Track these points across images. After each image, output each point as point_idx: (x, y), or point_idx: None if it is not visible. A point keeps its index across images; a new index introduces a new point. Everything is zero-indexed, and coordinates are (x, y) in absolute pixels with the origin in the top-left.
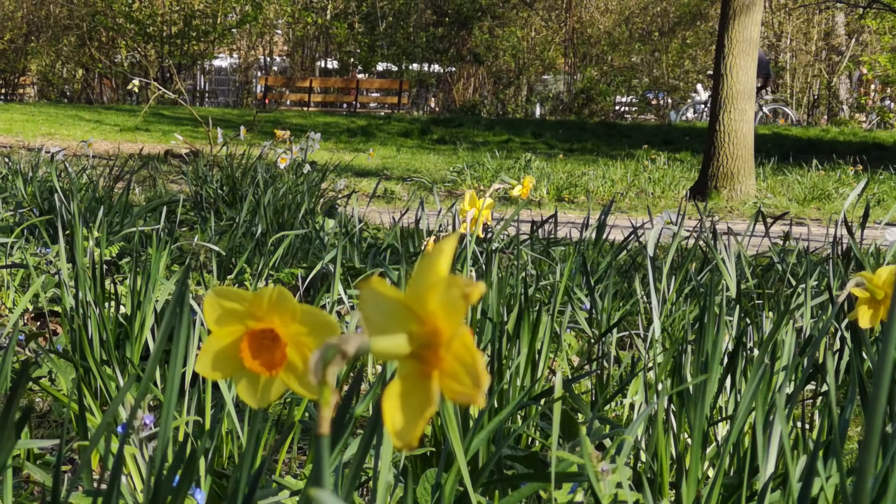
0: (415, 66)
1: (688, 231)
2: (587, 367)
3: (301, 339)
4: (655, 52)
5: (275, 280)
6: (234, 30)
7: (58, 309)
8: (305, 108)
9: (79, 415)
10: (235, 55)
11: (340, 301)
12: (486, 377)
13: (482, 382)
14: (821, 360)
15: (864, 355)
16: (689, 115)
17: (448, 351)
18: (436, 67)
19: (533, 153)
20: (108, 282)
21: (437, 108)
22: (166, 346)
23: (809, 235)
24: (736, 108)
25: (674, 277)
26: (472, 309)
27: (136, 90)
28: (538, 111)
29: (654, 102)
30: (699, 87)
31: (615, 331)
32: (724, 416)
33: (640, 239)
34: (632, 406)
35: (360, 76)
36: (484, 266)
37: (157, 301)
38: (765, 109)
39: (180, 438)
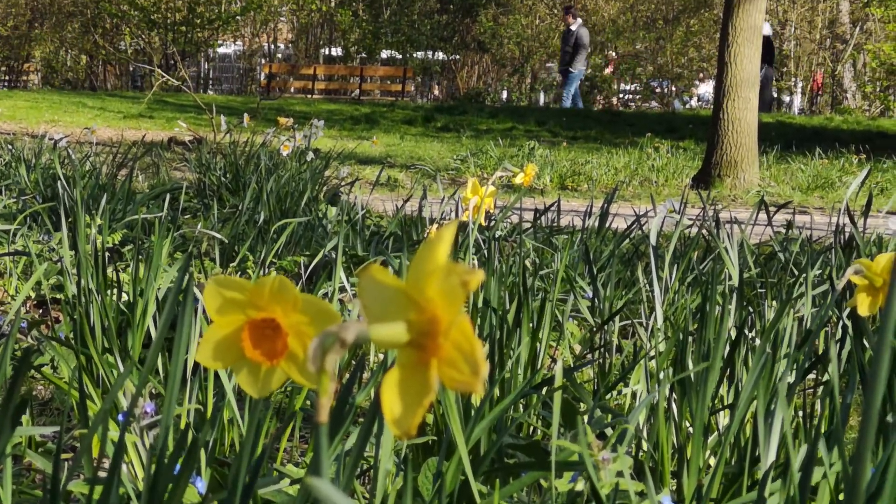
0: (419, 53)
1: (691, 219)
2: (589, 355)
3: (302, 328)
4: (660, 39)
5: (277, 268)
6: (238, 17)
7: (60, 296)
8: (309, 96)
9: (80, 403)
10: (239, 42)
11: (343, 289)
12: (485, 365)
13: (481, 370)
14: (821, 350)
15: (866, 343)
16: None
17: (447, 339)
18: (440, 55)
19: (537, 141)
20: (110, 269)
21: (441, 96)
22: (168, 334)
23: (812, 224)
24: (740, 96)
25: (676, 266)
26: (474, 297)
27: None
28: (542, 99)
29: (658, 90)
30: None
31: (617, 319)
32: (725, 405)
33: (643, 227)
34: (634, 395)
35: (363, 64)
36: (486, 254)
37: (159, 289)
38: None
39: (181, 427)
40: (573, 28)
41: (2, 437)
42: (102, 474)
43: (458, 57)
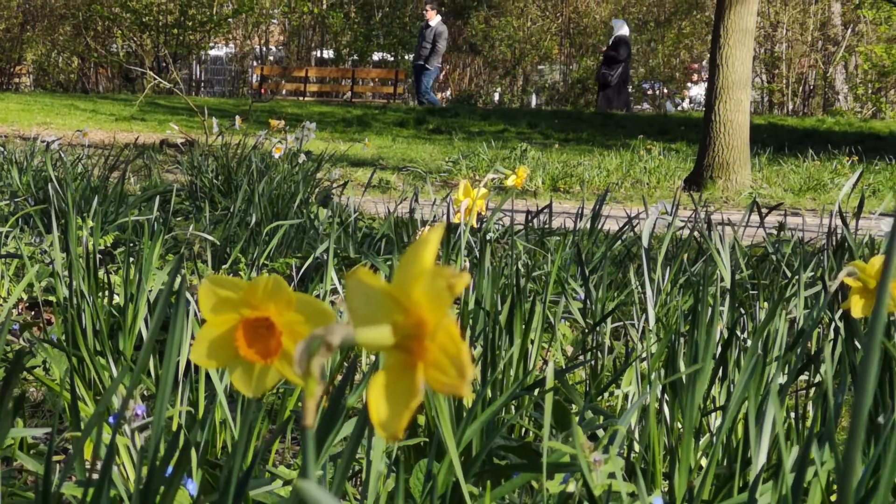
0: (411, 55)
1: (683, 221)
2: (581, 357)
3: (296, 327)
4: (651, 42)
5: (269, 270)
6: (229, 19)
7: (52, 299)
8: (301, 98)
9: (72, 404)
10: (231, 45)
11: (335, 290)
12: (471, 368)
13: (467, 373)
14: (813, 351)
15: (857, 345)
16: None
17: (433, 342)
18: None
19: (529, 143)
20: (102, 272)
21: None
22: (159, 336)
23: (804, 226)
24: (731, 97)
25: (668, 268)
26: (465, 298)
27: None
28: (534, 101)
29: (650, 93)
30: None
31: (609, 321)
32: (717, 406)
33: (635, 229)
34: (626, 396)
35: (355, 66)
36: (478, 256)
37: (150, 291)
38: None
39: (173, 428)
40: (432, 24)
41: None
42: (94, 476)
43: (449, 59)
